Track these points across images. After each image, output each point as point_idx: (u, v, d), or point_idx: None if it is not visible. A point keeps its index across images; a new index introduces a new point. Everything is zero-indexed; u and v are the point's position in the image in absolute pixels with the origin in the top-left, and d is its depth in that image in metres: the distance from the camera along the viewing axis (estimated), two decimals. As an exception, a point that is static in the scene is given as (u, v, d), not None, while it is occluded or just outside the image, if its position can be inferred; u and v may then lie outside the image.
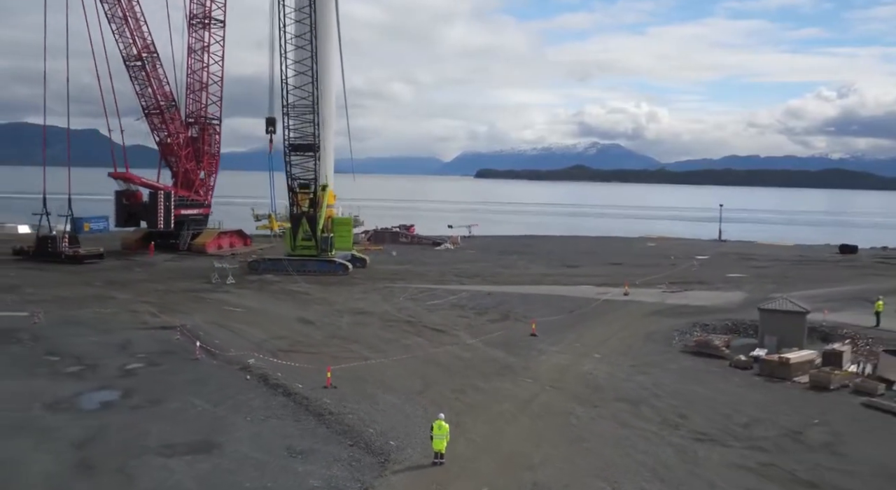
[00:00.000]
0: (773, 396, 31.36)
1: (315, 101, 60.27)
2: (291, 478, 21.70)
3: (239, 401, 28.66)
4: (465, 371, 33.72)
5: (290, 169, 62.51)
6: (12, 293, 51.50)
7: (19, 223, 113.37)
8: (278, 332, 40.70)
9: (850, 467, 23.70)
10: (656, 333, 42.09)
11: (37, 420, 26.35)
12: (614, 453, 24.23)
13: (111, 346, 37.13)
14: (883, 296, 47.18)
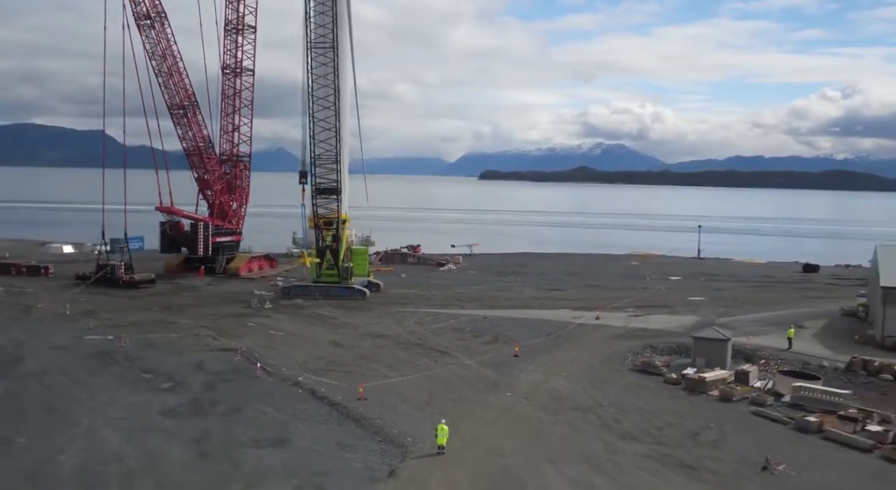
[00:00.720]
0: (688, 406, 42.32)
1: (337, 153, 71.50)
2: (342, 462, 32.74)
3: (297, 409, 39.77)
4: (461, 387, 44.75)
5: (317, 209, 73.70)
6: (92, 318, 62.72)
7: (62, 242, 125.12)
8: (316, 354, 51.78)
9: (722, 457, 34.65)
10: (614, 354, 53.05)
11: (158, 424, 37.50)
12: (562, 447, 35.23)
13: (189, 366, 48.26)
14: (798, 324, 58.23)
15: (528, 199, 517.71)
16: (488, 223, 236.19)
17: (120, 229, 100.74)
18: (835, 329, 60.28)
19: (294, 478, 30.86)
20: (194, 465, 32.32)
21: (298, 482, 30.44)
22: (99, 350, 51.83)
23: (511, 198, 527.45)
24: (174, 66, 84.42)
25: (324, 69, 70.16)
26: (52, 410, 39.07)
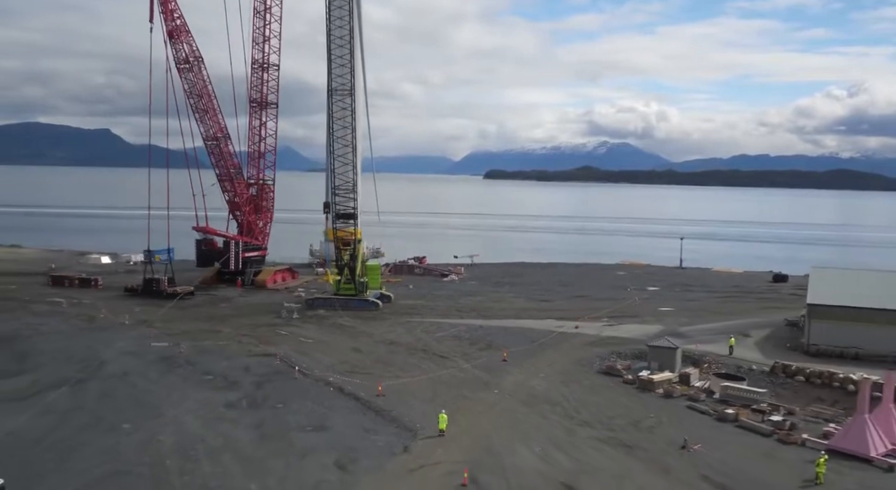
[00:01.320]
0: (637, 401, 53.60)
1: (354, 185, 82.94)
2: (368, 442, 44.08)
3: (330, 403, 51.20)
4: (459, 386, 56.10)
5: (336, 232, 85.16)
6: (149, 327, 74.31)
7: (99, 253, 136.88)
8: (341, 358, 63.22)
9: (654, 439, 45.92)
10: (585, 359, 64.34)
11: (224, 414, 48.93)
12: (533, 431, 46.54)
13: (238, 369, 59.72)
14: (744, 333, 69.51)
15: (531, 201, 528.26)
16: (491, 229, 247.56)
17: (153, 238, 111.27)
18: (775, 338, 71.45)
19: (334, 452, 42.26)
20: (258, 443, 43.75)
21: (337, 455, 41.83)
22: (164, 355, 63.36)
23: (514, 200, 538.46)
24: (209, 104, 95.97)
25: (343, 112, 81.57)
26: (141, 404, 50.55)
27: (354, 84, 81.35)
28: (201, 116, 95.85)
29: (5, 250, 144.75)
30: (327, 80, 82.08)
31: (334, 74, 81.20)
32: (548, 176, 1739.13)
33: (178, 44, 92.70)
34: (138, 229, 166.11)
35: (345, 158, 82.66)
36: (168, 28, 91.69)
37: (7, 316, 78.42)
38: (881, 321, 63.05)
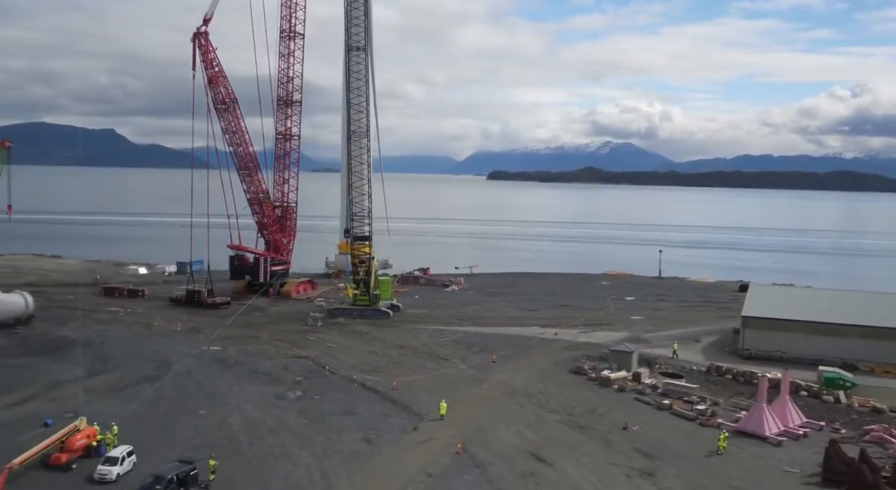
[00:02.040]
0: (596, 395, 68.06)
1: (368, 211, 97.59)
2: (387, 423, 58.65)
3: (355, 395, 65.80)
4: (456, 382, 70.63)
5: (353, 251, 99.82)
6: (198, 334, 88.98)
7: (136, 264, 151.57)
8: (361, 360, 77.81)
9: (604, 423, 60.37)
10: (560, 361, 78.83)
11: (275, 403, 63.52)
12: (511, 416, 61.04)
13: (279, 368, 74.32)
14: (695, 339, 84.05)
15: (532, 206, 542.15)
16: (492, 237, 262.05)
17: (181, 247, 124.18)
18: (720, 343, 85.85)
19: (361, 430, 56.82)
20: (305, 424, 58.34)
21: (364, 432, 56.39)
22: (217, 357, 78.08)
23: (516, 205, 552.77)
24: (242, 138, 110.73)
25: (360, 151, 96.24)
26: (209, 395, 65.18)
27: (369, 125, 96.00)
28: (235, 149, 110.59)
29: (50, 261, 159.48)
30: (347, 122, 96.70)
31: (353, 119, 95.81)
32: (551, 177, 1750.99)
33: (216, 88, 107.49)
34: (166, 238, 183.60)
35: (361, 190, 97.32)
36: (208, 75, 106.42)
37: (77, 324, 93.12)
38: (800, 330, 77.46)
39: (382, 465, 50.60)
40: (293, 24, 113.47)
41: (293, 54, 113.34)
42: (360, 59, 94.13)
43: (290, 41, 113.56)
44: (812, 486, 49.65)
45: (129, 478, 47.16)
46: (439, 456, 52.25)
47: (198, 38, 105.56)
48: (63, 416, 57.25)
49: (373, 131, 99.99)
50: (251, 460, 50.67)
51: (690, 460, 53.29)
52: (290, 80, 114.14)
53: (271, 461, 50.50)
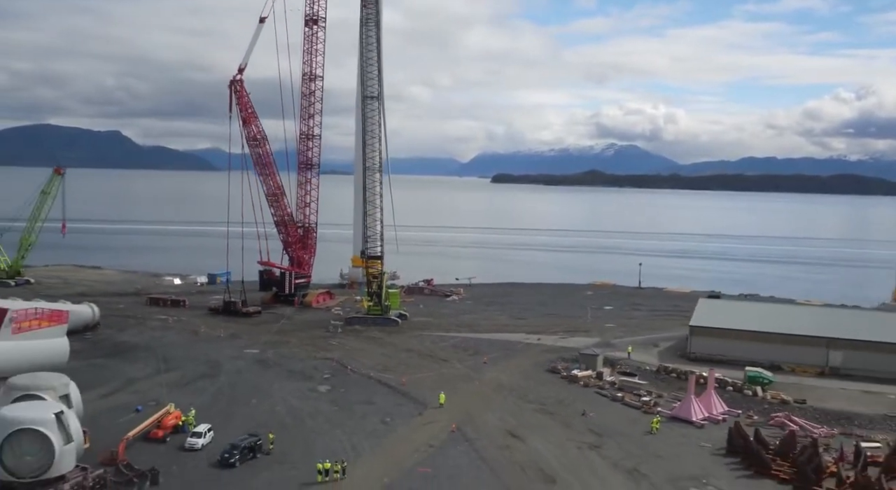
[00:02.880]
0: (565, 390, 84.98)
1: (380, 235, 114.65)
2: (399, 410, 75.75)
3: (373, 389, 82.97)
4: (454, 379, 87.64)
5: (367, 268, 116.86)
6: (238, 339, 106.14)
7: (170, 275, 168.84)
8: (376, 361, 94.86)
9: (568, 410, 77.31)
10: (540, 362, 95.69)
11: (310, 395, 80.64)
12: (496, 405, 78.08)
13: (310, 368, 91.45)
14: (654, 344, 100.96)
15: (534, 214, 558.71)
16: (493, 246, 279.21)
17: (203, 257, 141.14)
18: (674, 347, 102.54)
19: (379, 415, 73.87)
20: (336, 411, 75.41)
21: (381, 416, 73.43)
22: (258, 359, 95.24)
23: (518, 212, 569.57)
24: (271, 170, 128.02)
25: (373, 184, 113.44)
26: (257, 389, 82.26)
27: (382, 161, 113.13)
28: (265, 180, 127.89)
29: (91, 272, 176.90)
30: (362, 159, 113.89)
31: (367, 156, 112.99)
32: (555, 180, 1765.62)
33: (249, 127, 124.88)
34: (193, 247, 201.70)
35: (374, 216, 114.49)
36: (242, 116, 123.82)
37: (135, 331, 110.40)
38: (737, 337, 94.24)
39: (395, 439, 67.66)
40: (316, 16, 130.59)
41: (315, 55, 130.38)
42: (374, 106, 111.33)
43: (313, 38, 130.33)
44: (717, 457, 66.43)
45: (209, 447, 64.18)
46: (439, 433, 69.24)
47: (234, 85, 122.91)
48: (147, 404, 74.40)
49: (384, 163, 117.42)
50: (297, 436, 67.76)
51: (630, 438, 70.16)
52: (312, 79, 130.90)
53: (313, 436, 67.59)
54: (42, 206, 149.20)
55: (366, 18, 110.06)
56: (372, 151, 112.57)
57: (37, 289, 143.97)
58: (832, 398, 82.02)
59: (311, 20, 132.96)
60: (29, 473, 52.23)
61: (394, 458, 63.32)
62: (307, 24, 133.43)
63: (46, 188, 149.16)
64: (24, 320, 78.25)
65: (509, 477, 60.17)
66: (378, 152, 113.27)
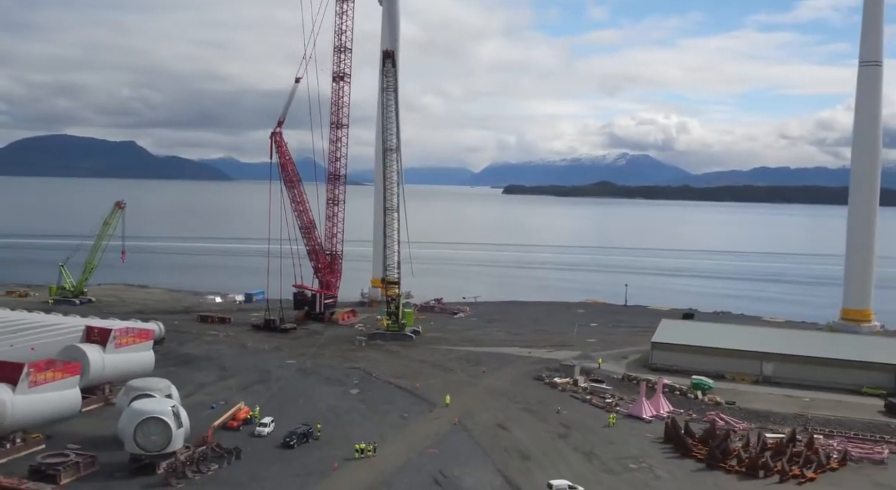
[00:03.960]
0: (546, 393, 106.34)
1: (398, 264, 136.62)
2: (414, 408, 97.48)
3: (394, 393, 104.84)
4: (457, 384, 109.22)
5: (386, 291, 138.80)
6: (280, 352, 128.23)
7: (211, 293, 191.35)
8: (395, 370, 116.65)
9: (547, 409, 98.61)
10: (529, 371, 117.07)
11: (345, 397, 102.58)
12: (490, 405, 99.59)
13: (342, 375, 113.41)
14: (623, 356, 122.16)
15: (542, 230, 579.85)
16: (500, 264, 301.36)
17: (238, 276, 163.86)
18: (640, 359, 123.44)
19: (398, 412, 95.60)
20: (365, 408, 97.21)
21: (400, 413, 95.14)
22: (299, 368, 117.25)
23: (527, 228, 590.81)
24: (303, 206, 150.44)
25: (392, 221, 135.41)
26: (301, 393, 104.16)
27: (400, 204, 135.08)
28: (299, 215, 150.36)
29: (140, 291, 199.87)
30: (382, 203, 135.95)
31: (386, 203, 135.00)
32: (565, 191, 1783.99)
33: (287, 171, 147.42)
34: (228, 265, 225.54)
35: (392, 248, 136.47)
36: (281, 162, 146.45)
37: (193, 344, 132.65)
38: (689, 351, 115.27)
39: (411, 429, 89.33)
40: (343, 41, 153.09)
41: (341, 106, 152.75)
42: (392, 158, 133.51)
43: (339, 91, 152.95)
44: (655, 444, 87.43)
45: (272, 434, 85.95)
46: (445, 425, 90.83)
47: (274, 136, 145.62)
48: (218, 403, 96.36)
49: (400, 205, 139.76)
50: (337, 426, 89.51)
51: (591, 430, 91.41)
52: (339, 126, 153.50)
53: (350, 427, 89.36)
54: (103, 234, 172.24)
55: (385, 86, 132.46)
56: (391, 194, 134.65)
57: (99, 307, 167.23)
58: (758, 401, 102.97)
59: (338, 76, 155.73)
60: (154, 449, 74.33)
61: (410, 442, 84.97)
62: (334, 80, 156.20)
63: (108, 219, 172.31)
64: (122, 337, 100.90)
65: (496, 456, 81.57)
66: (395, 194, 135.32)
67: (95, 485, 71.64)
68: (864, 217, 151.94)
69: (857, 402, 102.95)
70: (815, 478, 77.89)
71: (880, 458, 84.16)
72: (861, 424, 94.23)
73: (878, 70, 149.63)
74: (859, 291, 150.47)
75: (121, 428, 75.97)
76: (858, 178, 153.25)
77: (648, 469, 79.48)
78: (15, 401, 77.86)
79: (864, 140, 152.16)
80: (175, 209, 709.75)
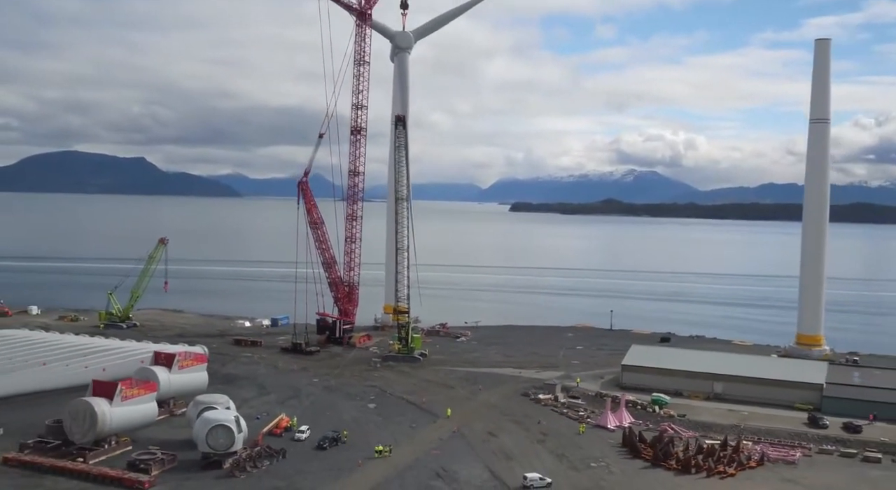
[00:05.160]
0: (531, 407, 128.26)
1: (408, 295, 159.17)
2: (421, 418, 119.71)
3: (404, 405, 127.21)
4: (458, 399, 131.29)
5: (397, 319, 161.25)
6: (307, 371, 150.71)
7: (243, 319, 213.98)
8: (406, 388, 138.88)
9: (529, 420, 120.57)
10: (518, 389, 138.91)
11: (364, 409, 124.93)
12: (484, 417, 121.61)
13: (361, 392, 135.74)
14: (600, 376, 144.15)
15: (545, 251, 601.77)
16: (503, 289, 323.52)
17: (264, 301, 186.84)
18: (613, 379, 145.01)
19: (409, 422, 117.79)
20: (381, 419, 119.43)
21: (409, 422, 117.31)
22: (324, 386, 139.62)
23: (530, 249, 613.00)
24: (326, 246, 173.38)
25: (402, 260, 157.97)
26: (328, 405, 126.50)
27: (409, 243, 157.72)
28: (321, 252, 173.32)
29: (175, 315, 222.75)
30: (395, 245, 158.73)
31: (398, 242, 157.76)
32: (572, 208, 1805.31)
33: (312, 215, 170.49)
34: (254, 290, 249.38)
35: (402, 282, 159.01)
36: (307, 207, 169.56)
37: (233, 365, 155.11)
38: (654, 372, 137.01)
39: (419, 435, 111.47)
40: (360, 100, 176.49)
41: (358, 156, 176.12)
42: (403, 205, 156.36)
43: (357, 143, 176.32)
44: (615, 448, 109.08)
45: (308, 439, 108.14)
46: (446, 433, 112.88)
47: (301, 185, 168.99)
48: (262, 415, 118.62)
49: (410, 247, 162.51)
50: (360, 433, 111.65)
51: (564, 436, 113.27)
52: (356, 174, 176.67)
53: (370, 434, 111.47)
54: (149, 267, 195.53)
55: (397, 145, 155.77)
56: (402, 237, 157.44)
57: (143, 331, 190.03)
58: (705, 414, 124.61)
59: (356, 129, 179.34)
60: (221, 449, 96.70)
61: (418, 445, 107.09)
62: (353, 133, 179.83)
63: (153, 254, 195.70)
64: (184, 360, 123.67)
65: (485, 456, 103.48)
66: (406, 237, 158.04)
67: (177, 476, 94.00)
68: (814, 256, 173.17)
69: (788, 415, 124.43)
70: (734, 474, 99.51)
71: (792, 459, 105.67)
72: (785, 433, 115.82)
73: (825, 126, 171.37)
74: (811, 318, 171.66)
75: (195, 433, 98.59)
76: (809, 220, 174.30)
77: (605, 467, 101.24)
78: (112, 412, 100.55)
79: (815, 186, 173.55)
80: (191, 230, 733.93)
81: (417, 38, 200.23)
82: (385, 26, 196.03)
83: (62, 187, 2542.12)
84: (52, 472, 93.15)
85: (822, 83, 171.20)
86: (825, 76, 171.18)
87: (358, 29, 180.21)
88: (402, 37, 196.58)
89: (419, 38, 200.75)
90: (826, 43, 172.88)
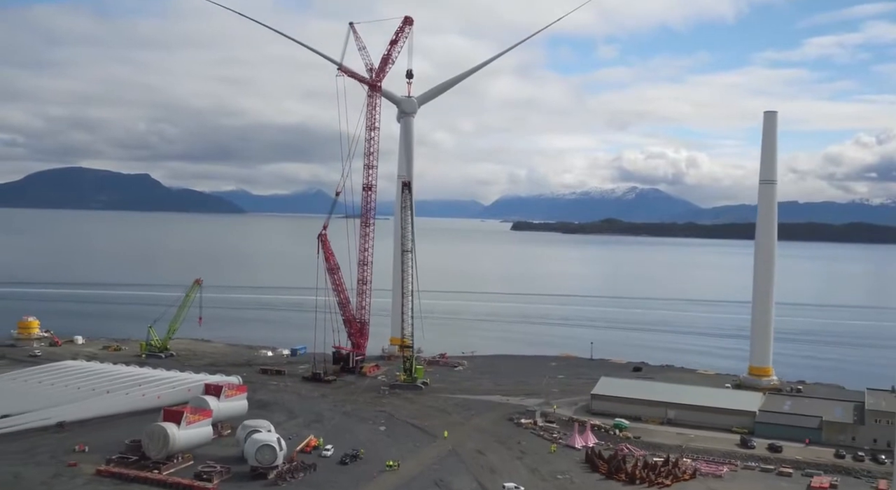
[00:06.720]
0: (514, 430, 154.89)
1: (412, 334, 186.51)
2: (423, 438, 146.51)
3: (410, 430, 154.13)
4: (453, 424, 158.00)
5: (403, 353, 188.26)
6: (326, 398, 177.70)
7: (265, 349, 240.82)
8: (410, 413, 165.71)
9: (511, 440, 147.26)
10: (505, 414, 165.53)
11: (376, 431, 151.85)
12: (475, 438, 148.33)
13: (373, 417, 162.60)
14: (574, 402, 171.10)
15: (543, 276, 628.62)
16: (499, 318, 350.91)
17: (282, 329, 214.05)
18: (585, 406, 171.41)
19: (413, 442, 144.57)
20: (390, 440, 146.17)
21: (414, 442, 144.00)
22: (342, 411, 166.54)
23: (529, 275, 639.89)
24: (342, 287, 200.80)
25: (406, 299, 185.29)
26: (346, 429, 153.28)
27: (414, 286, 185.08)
28: (338, 294, 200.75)
29: (203, 344, 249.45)
30: (401, 290, 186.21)
31: (403, 288, 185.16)
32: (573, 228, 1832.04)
33: (329, 263, 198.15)
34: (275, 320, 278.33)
35: (407, 321, 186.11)
36: (325, 255, 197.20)
37: (262, 393, 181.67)
38: (618, 401, 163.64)
39: (422, 452, 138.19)
40: (371, 160, 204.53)
41: (369, 210, 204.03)
42: (408, 256, 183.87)
43: (367, 199, 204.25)
44: (580, 463, 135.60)
45: (332, 456, 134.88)
46: (443, 451, 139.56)
47: (320, 237, 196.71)
48: (292, 435, 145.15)
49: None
50: (374, 451, 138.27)
51: (539, 454, 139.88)
52: (367, 225, 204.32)
53: (382, 451, 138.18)
54: (185, 304, 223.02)
55: (403, 206, 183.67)
56: (407, 284, 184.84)
57: (180, 360, 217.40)
58: (658, 436, 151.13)
59: (367, 187, 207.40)
60: (266, 463, 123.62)
61: (421, 460, 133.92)
62: (364, 190, 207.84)
63: (189, 293, 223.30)
64: (229, 390, 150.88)
65: (475, 470, 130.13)
66: (411, 283, 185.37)
67: (233, 484, 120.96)
68: (764, 292, 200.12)
69: (725, 437, 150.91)
70: (670, 485, 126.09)
71: (720, 473, 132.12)
72: (720, 452, 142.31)
73: (773, 187, 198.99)
74: (760, 352, 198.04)
75: (245, 450, 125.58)
76: (760, 263, 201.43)
77: (569, 479, 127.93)
78: (180, 434, 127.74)
79: (764, 239, 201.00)
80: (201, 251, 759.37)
81: (421, 103, 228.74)
82: (392, 94, 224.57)
83: (66, 203, 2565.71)
84: (136, 482, 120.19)
85: (770, 149, 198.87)
86: (772, 143, 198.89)
87: (369, 99, 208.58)
88: (407, 103, 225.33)
89: (422, 104, 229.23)
90: (773, 115, 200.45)
